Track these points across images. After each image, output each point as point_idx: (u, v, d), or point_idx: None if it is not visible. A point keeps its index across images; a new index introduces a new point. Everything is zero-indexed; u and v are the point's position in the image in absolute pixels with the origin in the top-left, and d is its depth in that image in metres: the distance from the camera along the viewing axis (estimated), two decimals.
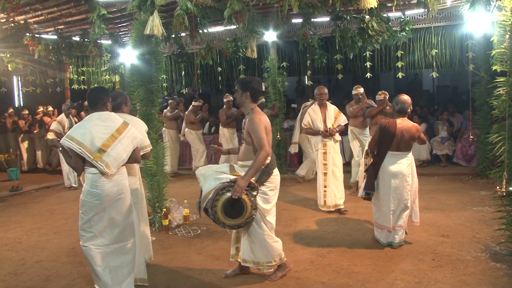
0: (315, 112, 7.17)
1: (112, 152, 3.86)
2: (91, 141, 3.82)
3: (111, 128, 3.95)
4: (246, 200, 4.06)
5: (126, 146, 3.97)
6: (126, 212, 4.03)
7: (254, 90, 4.40)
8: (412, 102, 5.41)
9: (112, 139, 3.90)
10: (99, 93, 4.18)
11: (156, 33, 5.72)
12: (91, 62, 12.39)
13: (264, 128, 4.23)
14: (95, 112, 4.05)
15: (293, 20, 9.88)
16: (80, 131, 3.88)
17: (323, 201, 7.02)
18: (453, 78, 16.03)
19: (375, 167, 5.31)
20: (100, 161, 3.81)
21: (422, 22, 9.58)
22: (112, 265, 3.94)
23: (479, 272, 4.47)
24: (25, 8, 7.49)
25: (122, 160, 3.94)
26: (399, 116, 5.27)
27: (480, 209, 6.67)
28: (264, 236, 4.35)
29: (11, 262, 5.39)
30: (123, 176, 4.06)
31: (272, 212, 4.43)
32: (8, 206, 8.39)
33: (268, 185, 4.34)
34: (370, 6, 5.96)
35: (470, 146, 9.74)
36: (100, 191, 3.87)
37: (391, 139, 5.16)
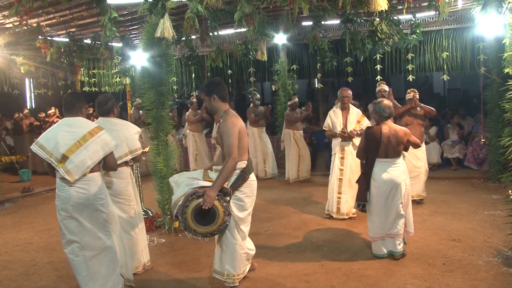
0: (336, 114, 6.82)
1: (74, 159, 3.84)
2: (55, 147, 3.84)
3: (77, 134, 3.92)
4: (218, 206, 3.85)
5: (92, 152, 3.92)
6: (97, 219, 3.99)
7: (219, 90, 4.17)
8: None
9: (76, 146, 3.88)
10: (73, 97, 4.17)
11: (166, 36, 5.75)
12: (102, 64, 12.47)
13: (237, 133, 4.03)
14: (65, 118, 4.07)
15: (303, 22, 9.87)
16: (47, 137, 3.92)
17: (336, 208, 6.69)
18: (464, 81, 15.90)
19: (365, 176, 5.08)
20: (62, 167, 3.83)
21: (433, 24, 9.53)
22: (91, 272, 3.98)
23: (491, 277, 4.43)
24: (37, 11, 7.56)
25: (86, 167, 3.89)
26: (384, 121, 5.05)
27: (492, 213, 6.61)
28: (236, 246, 4.15)
29: (22, 263, 5.43)
30: (93, 183, 3.97)
31: (247, 221, 4.26)
32: (19, 207, 8.46)
33: (243, 191, 4.14)
34: (380, 9, 5.93)
35: (482, 150, 9.67)
36: (66, 195, 3.90)
37: (377, 146, 4.95)
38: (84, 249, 3.95)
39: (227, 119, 4.07)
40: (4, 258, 5.66)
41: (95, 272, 3.99)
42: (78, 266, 3.98)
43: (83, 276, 3.98)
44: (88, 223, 3.95)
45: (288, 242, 5.76)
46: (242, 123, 4.17)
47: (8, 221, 7.47)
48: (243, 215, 4.16)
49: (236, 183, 4.07)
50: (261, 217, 6.98)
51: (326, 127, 6.96)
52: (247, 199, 4.18)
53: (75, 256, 3.96)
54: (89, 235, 3.96)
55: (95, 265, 3.99)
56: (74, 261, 3.98)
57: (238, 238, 4.16)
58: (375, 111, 5.10)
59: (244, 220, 4.19)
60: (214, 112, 4.25)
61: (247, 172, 4.13)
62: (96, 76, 12.66)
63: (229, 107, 4.24)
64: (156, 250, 5.64)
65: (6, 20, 8.36)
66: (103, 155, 4.00)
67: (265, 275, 4.75)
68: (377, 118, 5.10)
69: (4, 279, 4.96)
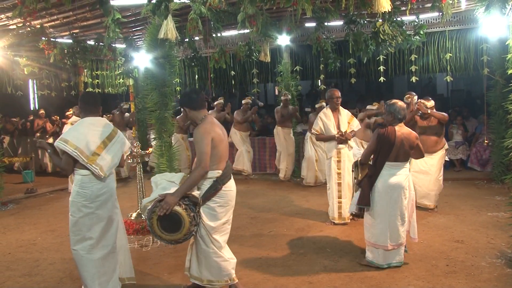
0: (328, 116, 6.58)
1: (105, 156, 4.08)
2: (86, 145, 4.01)
3: (104, 133, 4.16)
4: (184, 215, 3.72)
5: (117, 151, 4.21)
6: (114, 213, 4.22)
7: (189, 101, 4.08)
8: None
9: (104, 144, 4.12)
10: (94, 98, 4.36)
11: (170, 37, 5.77)
12: (105, 65, 12.50)
13: (210, 140, 3.89)
14: (88, 117, 4.23)
15: (306, 24, 9.87)
16: (75, 135, 4.06)
17: (338, 213, 6.49)
18: (468, 82, 15.89)
19: (371, 179, 4.85)
20: (94, 164, 4.00)
21: (436, 25, 9.52)
22: (99, 270, 4.08)
23: (494, 279, 4.42)
24: (41, 12, 7.59)
25: (114, 164, 4.17)
26: (398, 123, 4.84)
27: (495, 215, 6.59)
28: (210, 254, 4.04)
29: (25, 264, 5.45)
30: (111, 179, 4.24)
31: (222, 230, 4.07)
32: (23, 208, 8.48)
33: (216, 201, 3.98)
34: (383, 10, 5.93)
35: (485, 151, 9.65)
36: (90, 192, 4.03)
37: (390, 149, 4.73)
38: (97, 246, 4.07)
39: (200, 127, 3.98)
40: (7, 259, 5.67)
41: (103, 270, 4.10)
42: (87, 263, 4.05)
43: (91, 273, 4.05)
44: (108, 219, 4.14)
45: (291, 243, 5.76)
46: (218, 131, 4.00)
47: (12, 222, 7.49)
48: (215, 225, 3.99)
49: (208, 192, 3.93)
50: (265, 219, 6.98)
51: (318, 130, 6.62)
52: (219, 209, 4.00)
53: (87, 252, 4.04)
54: (105, 231, 4.13)
55: (105, 263, 4.12)
56: (83, 258, 4.05)
57: (213, 247, 4.03)
58: (389, 112, 4.86)
59: (216, 229, 4.01)
60: (193, 122, 4.15)
61: (220, 181, 3.96)
62: (100, 77, 12.71)
63: (207, 114, 4.12)
64: (159, 252, 5.65)
65: (10, 22, 8.40)
66: (121, 153, 4.29)
67: (268, 276, 4.75)
68: (390, 120, 4.85)
69: (7, 280, 4.97)
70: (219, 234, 4.06)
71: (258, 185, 9.59)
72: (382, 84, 10.60)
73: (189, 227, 3.76)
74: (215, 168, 3.96)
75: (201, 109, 4.11)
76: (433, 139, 6.84)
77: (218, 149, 3.95)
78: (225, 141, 4.06)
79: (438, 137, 6.87)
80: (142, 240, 6.03)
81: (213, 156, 3.92)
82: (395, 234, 4.80)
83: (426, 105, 6.82)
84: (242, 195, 8.61)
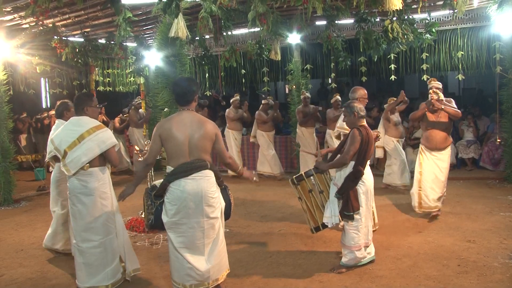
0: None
1: (71, 155, 4.29)
2: (60, 144, 4.36)
3: (77, 132, 4.35)
4: (144, 203, 4.10)
5: (87, 149, 4.31)
6: (99, 211, 4.37)
7: (173, 94, 4.13)
8: None
9: (75, 143, 4.31)
10: (79, 99, 4.61)
11: (180, 36, 5.78)
12: (117, 64, 12.58)
13: (158, 136, 3.93)
14: (72, 117, 4.60)
15: (317, 22, 9.85)
16: (57, 134, 4.46)
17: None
18: (479, 80, 15.75)
19: (356, 181, 4.69)
20: (62, 162, 4.33)
21: (447, 23, 9.45)
22: (85, 261, 4.33)
23: (507, 280, 4.38)
24: (53, 11, 7.66)
25: (81, 162, 4.29)
26: (361, 122, 4.77)
27: (508, 215, 6.53)
28: (169, 248, 4.03)
29: (37, 260, 5.50)
30: (92, 177, 4.37)
31: (175, 230, 3.93)
32: (35, 206, 8.55)
33: (167, 196, 3.93)
34: (394, 8, 5.90)
35: (497, 150, 9.55)
36: (71, 186, 4.38)
37: (370, 148, 4.72)
38: (81, 239, 4.35)
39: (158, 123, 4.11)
40: (20, 255, 5.73)
41: (89, 262, 4.33)
42: (75, 253, 4.41)
43: (78, 262, 4.37)
44: (88, 213, 4.34)
45: (301, 242, 5.75)
46: (167, 127, 3.91)
47: (24, 219, 7.56)
48: (166, 221, 3.93)
49: (159, 187, 3.98)
50: (274, 217, 6.98)
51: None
52: (169, 205, 3.92)
53: (76, 243, 4.39)
54: (87, 225, 4.34)
55: (90, 256, 4.33)
56: (73, 248, 4.49)
57: (170, 244, 4.00)
58: (351, 112, 4.76)
59: (168, 226, 3.94)
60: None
61: (167, 178, 3.91)
62: (111, 76, 12.79)
63: (182, 110, 4.05)
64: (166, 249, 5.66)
65: (23, 21, 8.48)
66: (99, 152, 4.35)
67: (278, 275, 4.75)
68: (354, 120, 4.77)
69: (20, 276, 5.03)
70: (173, 232, 3.94)
71: (268, 184, 9.57)
72: (393, 82, 10.54)
73: (147, 214, 4.06)
74: (168, 164, 4.00)
75: (181, 104, 4.06)
76: (442, 135, 6.37)
77: (167, 145, 3.94)
78: (177, 139, 3.89)
79: (448, 133, 6.44)
80: (153, 238, 6.06)
81: (167, 152, 3.99)
82: (369, 229, 4.91)
83: (439, 95, 6.31)
84: (252, 193, 8.62)
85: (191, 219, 3.91)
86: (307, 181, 4.94)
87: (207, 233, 3.98)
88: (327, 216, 4.85)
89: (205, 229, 3.96)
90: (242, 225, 6.59)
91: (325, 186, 4.97)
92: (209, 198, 3.96)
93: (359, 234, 4.75)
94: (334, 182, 4.85)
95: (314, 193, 4.99)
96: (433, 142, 6.40)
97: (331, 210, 4.79)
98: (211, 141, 4.01)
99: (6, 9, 7.60)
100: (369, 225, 4.88)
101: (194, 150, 3.92)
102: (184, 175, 3.87)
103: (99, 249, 4.36)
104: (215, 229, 4.05)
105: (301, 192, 4.95)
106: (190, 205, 3.88)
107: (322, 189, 4.95)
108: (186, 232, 3.92)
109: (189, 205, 3.88)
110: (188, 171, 3.88)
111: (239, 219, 6.85)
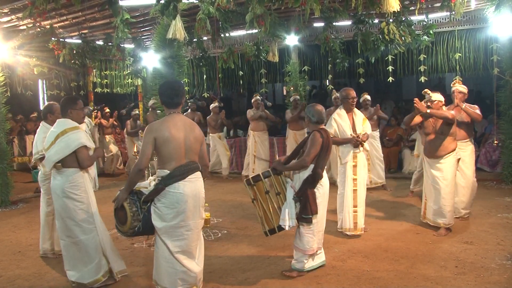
0: (342, 117, 5.96)
1: (47, 154, 4.58)
2: (46, 144, 4.63)
3: (56, 133, 4.55)
4: (127, 210, 3.86)
5: (59, 149, 4.50)
6: (70, 212, 4.51)
7: (162, 96, 4.03)
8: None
9: (52, 143, 4.54)
10: (63, 102, 4.77)
11: (178, 37, 5.78)
12: (114, 65, 12.57)
13: (152, 139, 3.81)
14: (58, 120, 4.75)
15: (315, 24, 9.87)
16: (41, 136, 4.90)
17: (353, 223, 5.94)
18: (477, 82, 15.76)
19: (314, 184, 4.65)
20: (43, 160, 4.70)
21: (445, 25, 9.48)
22: (65, 254, 4.61)
23: (504, 281, 4.38)
24: (51, 13, 7.65)
25: (52, 161, 4.52)
26: (318, 126, 4.76)
27: (505, 216, 6.54)
28: (159, 256, 3.93)
29: (35, 262, 5.48)
30: (62, 176, 4.55)
31: (172, 234, 3.85)
32: (32, 207, 8.53)
33: (162, 201, 3.83)
34: (392, 10, 5.91)
35: (495, 151, 9.57)
36: (48, 187, 4.81)
37: (329, 151, 4.71)
38: (60, 232, 4.63)
39: (149, 124, 4.01)
40: (17, 257, 5.72)
41: (69, 255, 4.58)
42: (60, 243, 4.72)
43: (63, 255, 4.66)
44: (61, 213, 4.55)
45: None
46: (167, 130, 3.83)
47: (22, 220, 7.54)
48: (161, 226, 3.84)
49: (153, 190, 3.87)
50: None
51: (332, 133, 5.74)
52: (165, 210, 3.82)
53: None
54: (62, 223, 4.56)
55: (68, 252, 4.58)
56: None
57: (162, 249, 3.90)
58: (311, 115, 4.76)
59: (164, 231, 3.85)
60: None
61: (163, 182, 3.82)
62: (108, 77, 12.79)
63: (171, 112, 3.99)
64: None
65: (20, 22, 8.47)
66: (68, 152, 4.49)
67: (277, 276, 4.75)
68: (308, 124, 4.83)
69: (17, 278, 5.01)
70: (169, 237, 3.86)
71: None
72: (391, 84, 10.57)
73: (132, 222, 3.87)
74: (162, 167, 3.89)
75: (170, 107, 4.00)
76: (439, 141, 5.82)
77: (163, 149, 3.84)
78: (175, 141, 3.84)
79: (448, 138, 5.78)
80: (150, 240, 6.04)
81: (161, 155, 3.88)
82: (322, 233, 4.91)
83: (431, 99, 5.96)
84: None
85: (190, 221, 3.91)
86: (264, 182, 4.77)
87: (199, 234, 4.07)
88: (284, 218, 4.64)
89: (199, 230, 4.06)
90: (240, 226, 6.58)
91: (282, 188, 4.80)
92: (203, 199, 4.05)
93: (314, 238, 4.70)
94: (291, 184, 4.76)
95: (271, 194, 4.79)
96: (427, 150, 6.00)
97: (288, 212, 4.62)
98: (200, 143, 4.07)
99: (3, 11, 7.61)
100: (322, 229, 4.84)
101: (189, 152, 3.93)
102: (181, 177, 3.85)
103: (75, 247, 4.54)
104: (201, 231, 4.14)
105: (257, 193, 4.76)
106: (190, 207, 3.88)
107: (279, 191, 4.77)
108: (183, 235, 3.89)
109: (189, 207, 3.87)
110: (185, 173, 3.87)
111: (237, 221, 6.84)
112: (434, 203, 5.89)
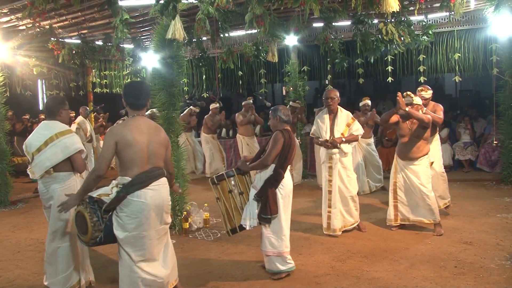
0: (322, 119, 6.04)
1: (36, 159, 4.32)
2: (29, 147, 4.37)
3: (44, 136, 4.32)
4: (87, 219, 3.57)
5: (51, 154, 4.28)
6: (57, 217, 4.30)
7: (126, 97, 3.80)
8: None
9: (41, 148, 4.30)
10: (52, 102, 4.56)
11: (177, 37, 5.78)
12: (114, 66, 12.56)
13: (113, 144, 3.58)
14: (44, 121, 4.51)
15: (314, 24, 9.87)
16: (29, 137, 4.46)
17: (326, 223, 6.00)
18: (476, 82, 15.79)
19: (275, 185, 4.62)
20: (29, 165, 4.41)
21: (444, 25, 9.48)
22: (47, 260, 4.42)
23: (504, 281, 4.39)
24: (50, 13, 7.64)
25: (45, 167, 4.28)
26: (284, 126, 4.76)
27: (505, 216, 6.54)
28: (122, 266, 3.70)
29: (34, 262, 5.48)
30: (53, 181, 4.33)
31: (134, 244, 3.63)
32: (31, 208, 8.53)
33: (123, 209, 3.59)
34: (391, 10, 5.91)
35: (494, 152, 9.58)
36: (39, 189, 4.44)
37: (292, 151, 4.69)
38: (48, 236, 4.42)
39: (111, 127, 3.83)
40: (17, 257, 5.71)
41: (51, 261, 4.40)
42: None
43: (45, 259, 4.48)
44: (50, 218, 4.40)
45: (298, 244, 5.74)
46: (122, 132, 3.62)
47: (21, 221, 7.54)
48: (122, 236, 3.60)
49: (113, 199, 3.60)
50: None
51: (312, 133, 6.22)
52: (127, 219, 3.59)
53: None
54: (51, 228, 4.39)
55: (52, 256, 4.39)
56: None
57: (125, 258, 3.67)
58: (274, 115, 4.78)
59: (125, 241, 3.62)
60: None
61: (125, 190, 3.59)
62: (108, 78, 12.78)
63: (136, 115, 3.79)
64: None
65: (20, 22, 8.46)
66: (62, 158, 4.30)
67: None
68: (276, 123, 4.78)
69: (17, 278, 5.01)
70: (131, 247, 3.63)
71: None
72: (390, 84, 10.58)
73: (93, 232, 3.59)
74: (123, 174, 3.66)
75: (134, 108, 3.80)
76: (413, 144, 5.86)
77: (124, 153, 3.61)
78: (138, 146, 3.63)
79: (421, 141, 5.85)
80: None
81: (122, 161, 3.65)
82: (288, 237, 4.79)
83: (412, 102, 5.81)
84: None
85: (151, 230, 3.71)
86: (227, 181, 4.78)
87: (161, 239, 3.87)
88: (245, 218, 4.67)
89: (161, 235, 3.84)
90: None
91: (245, 187, 4.81)
92: (168, 206, 3.86)
93: (277, 239, 4.67)
94: (253, 184, 4.75)
95: (234, 194, 4.80)
96: (402, 152, 5.99)
97: (250, 212, 4.64)
98: (165, 148, 3.91)
99: (2, 11, 7.60)
100: (288, 233, 4.76)
101: (152, 157, 3.73)
102: (144, 185, 3.64)
103: (54, 256, 4.39)
104: (167, 234, 3.97)
105: (220, 193, 4.77)
106: (152, 216, 3.68)
107: (242, 191, 4.78)
108: (145, 244, 3.68)
109: (152, 216, 3.67)
110: (148, 181, 3.66)
111: None
112: (417, 204, 5.93)
